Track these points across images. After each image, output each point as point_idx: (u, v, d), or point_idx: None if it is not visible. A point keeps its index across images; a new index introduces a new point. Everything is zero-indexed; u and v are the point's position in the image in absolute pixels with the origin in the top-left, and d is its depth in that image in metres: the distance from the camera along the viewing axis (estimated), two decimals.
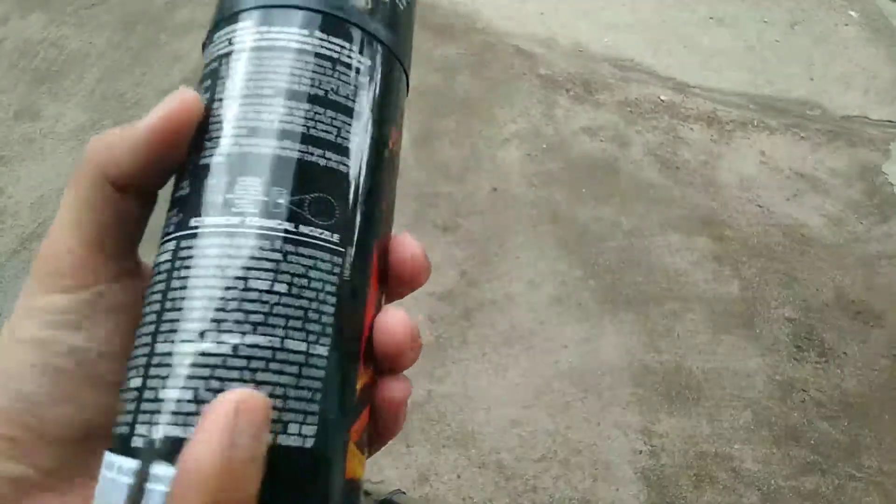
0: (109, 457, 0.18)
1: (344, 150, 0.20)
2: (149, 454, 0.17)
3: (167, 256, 0.19)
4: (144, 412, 0.17)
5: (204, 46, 0.22)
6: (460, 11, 2.06)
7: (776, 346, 1.43)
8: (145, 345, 0.18)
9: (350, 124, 0.20)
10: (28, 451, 0.19)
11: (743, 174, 1.73)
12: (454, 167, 1.66)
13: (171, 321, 0.18)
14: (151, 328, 0.18)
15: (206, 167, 0.19)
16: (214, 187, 0.19)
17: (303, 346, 0.18)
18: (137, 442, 0.17)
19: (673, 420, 1.32)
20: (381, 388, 0.21)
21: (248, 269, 0.18)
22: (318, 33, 0.20)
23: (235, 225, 0.18)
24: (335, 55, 0.20)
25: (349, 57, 0.21)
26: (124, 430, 0.18)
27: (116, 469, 0.17)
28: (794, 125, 1.85)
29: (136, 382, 0.18)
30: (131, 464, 0.17)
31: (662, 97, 1.88)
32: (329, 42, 0.20)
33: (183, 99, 0.20)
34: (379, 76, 0.21)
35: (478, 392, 1.32)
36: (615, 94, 1.87)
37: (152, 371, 0.18)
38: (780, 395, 1.37)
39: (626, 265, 1.53)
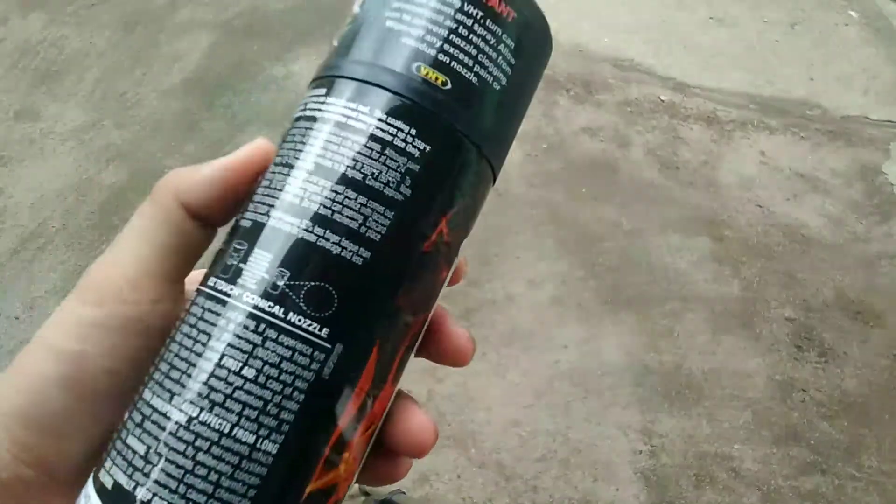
0: (87, 487, 0.18)
1: (365, 241, 0.18)
2: (103, 495, 0.17)
3: (189, 309, 0.19)
4: (112, 451, 0.18)
5: None
6: None
7: (776, 346, 1.43)
8: (139, 390, 0.19)
9: (383, 213, 0.19)
10: (42, 457, 0.20)
11: (743, 174, 1.73)
12: None
13: (158, 372, 0.18)
14: (148, 374, 0.19)
15: (237, 229, 0.19)
16: (232, 251, 0.19)
17: (250, 439, 0.17)
18: (102, 478, 0.18)
19: (673, 420, 1.32)
20: (383, 468, 0.22)
21: (227, 344, 0.18)
22: (373, 111, 0.19)
23: (233, 296, 0.18)
24: (387, 137, 0.19)
25: (403, 141, 0.19)
26: (100, 464, 0.18)
27: (84, 498, 0.18)
28: (794, 125, 1.85)
29: (121, 423, 0.19)
30: (94, 500, 0.18)
31: (662, 97, 1.88)
32: (385, 123, 0.19)
33: (259, 146, 0.21)
34: (438, 164, 0.19)
35: (478, 392, 1.32)
36: (615, 95, 1.87)
37: (131, 414, 0.18)
38: (780, 395, 1.37)
39: (627, 265, 1.53)
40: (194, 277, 0.22)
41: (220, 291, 0.18)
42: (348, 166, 0.19)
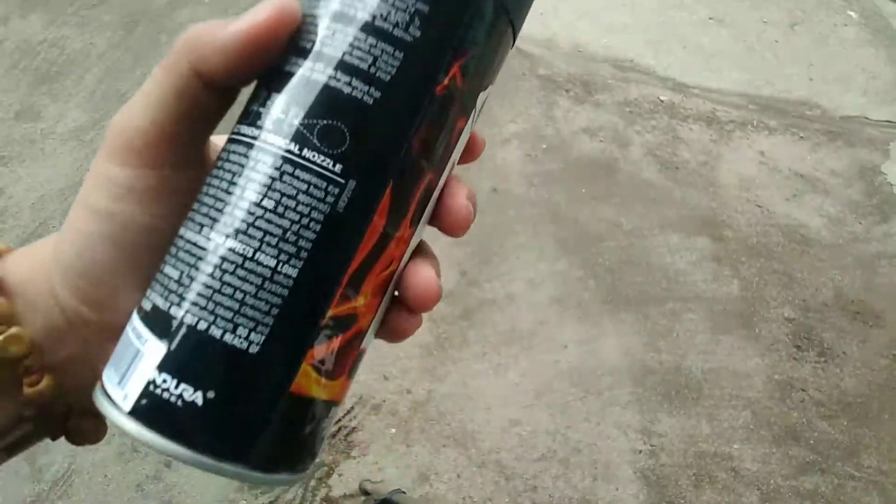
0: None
1: (375, 81, 0.19)
2: (144, 317, 0.19)
3: (219, 154, 0.20)
4: (152, 282, 0.20)
5: None
6: None
7: (775, 346, 1.43)
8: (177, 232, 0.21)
9: (392, 55, 0.19)
10: (100, 303, 0.22)
11: (742, 174, 1.73)
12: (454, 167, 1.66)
13: (194, 209, 0.20)
14: (189, 211, 0.20)
15: (263, 78, 0.20)
16: (256, 99, 0.20)
17: (272, 262, 0.18)
18: (143, 304, 0.20)
19: (672, 420, 1.32)
20: (395, 317, 0.23)
21: (249, 180, 0.19)
22: None
23: (254, 137, 0.19)
24: None
25: None
26: (142, 297, 0.20)
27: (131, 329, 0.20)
28: (793, 125, 1.85)
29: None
30: (136, 322, 0.20)
31: (662, 97, 1.88)
32: None
33: (281, 6, 0.19)
34: (448, 5, 0.20)
35: (478, 392, 1.33)
36: (615, 95, 1.87)
37: (168, 250, 0.20)
38: (780, 394, 1.37)
39: (626, 265, 1.53)
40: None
41: (243, 135, 0.20)
42: (358, 9, 0.19)
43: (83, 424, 0.24)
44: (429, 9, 0.19)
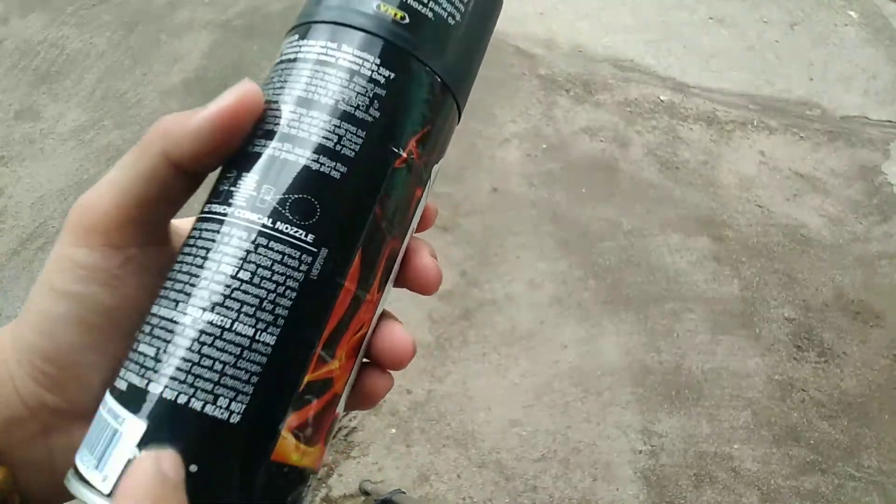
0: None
1: (341, 157, 0.21)
2: (119, 398, 0.19)
3: (189, 233, 0.21)
4: (125, 362, 0.20)
5: None
6: None
7: (776, 346, 1.43)
8: (148, 310, 0.21)
9: (356, 134, 0.21)
10: (63, 386, 0.21)
11: (743, 174, 1.73)
12: (454, 167, 1.66)
13: (166, 287, 0.20)
14: (160, 290, 0.21)
15: (231, 161, 0.22)
16: (225, 180, 0.21)
17: (250, 332, 0.19)
18: (117, 384, 0.20)
19: (673, 420, 1.32)
20: (367, 380, 0.23)
21: (223, 254, 0.20)
22: (340, 46, 0.21)
23: (225, 214, 0.20)
24: (355, 67, 0.21)
25: (370, 70, 0.21)
26: (114, 378, 0.20)
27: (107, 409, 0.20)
28: (793, 125, 1.85)
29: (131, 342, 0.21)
30: (111, 403, 0.20)
31: (662, 97, 1.88)
32: (352, 55, 0.21)
33: (245, 91, 0.21)
34: (402, 88, 0.22)
35: (478, 392, 1.33)
36: (615, 95, 1.87)
37: (141, 329, 0.20)
38: (780, 394, 1.37)
39: (626, 265, 1.53)
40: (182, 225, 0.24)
41: (215, 213, 0.20)
42: (323, 95, 0.21)
43: None
44: (385, 92, 0.21)
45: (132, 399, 0.19)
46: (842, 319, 1.48)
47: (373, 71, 0.21)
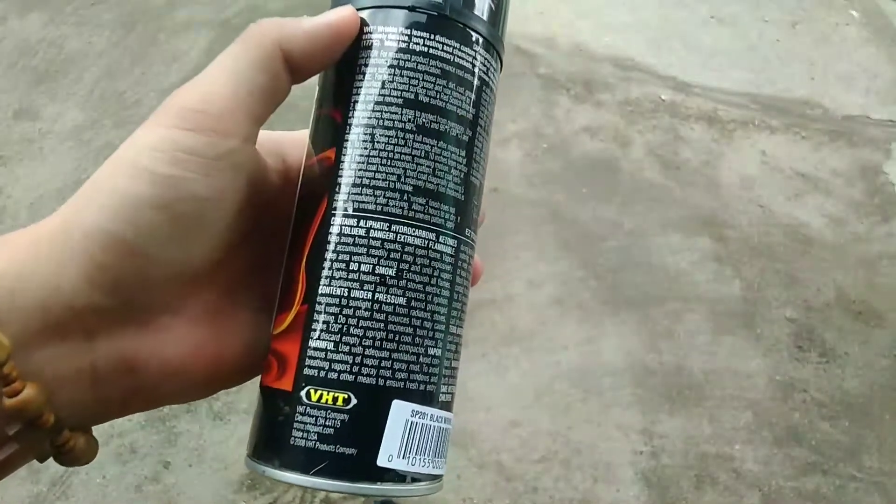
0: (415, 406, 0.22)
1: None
2: (444, 405, 0.23)
3: (459, 255, 0.24)
4: (449, 374, 0.23)
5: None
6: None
7: (777, 347, 1.43)
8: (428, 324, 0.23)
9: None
10: (124, 284, 0.20)
11: (744, 174, 1.72)
12: None
13: (449, 306, 0.23)
14: (425, 303, 0.23)
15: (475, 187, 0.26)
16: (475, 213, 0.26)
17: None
18: (445, 398, 0.23)
19: (674, 421, 1.32)
20: None
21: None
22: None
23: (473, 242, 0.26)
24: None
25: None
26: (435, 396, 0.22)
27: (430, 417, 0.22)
28: (795, 125, 1.85)
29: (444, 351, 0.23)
30: (439, 413, 0.22)
31: (663, 97, 1.87)
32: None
33: (351, 16, 0.22)
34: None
35: (478, 392, 1.32)
36: (616, 94, 1.87)
37: (440, 342, 0.22)
38: (781, 395, 1.36)
39: (627, 265, 1.53)
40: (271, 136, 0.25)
41: (473, 242, 0.24)
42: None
43: (76, 442, 0.20)
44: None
45: (452, 404, 0.23)
46: (843, 320, 1.48)
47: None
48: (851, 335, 1.46)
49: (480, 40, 0.23)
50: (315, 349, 0.21)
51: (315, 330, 0.21)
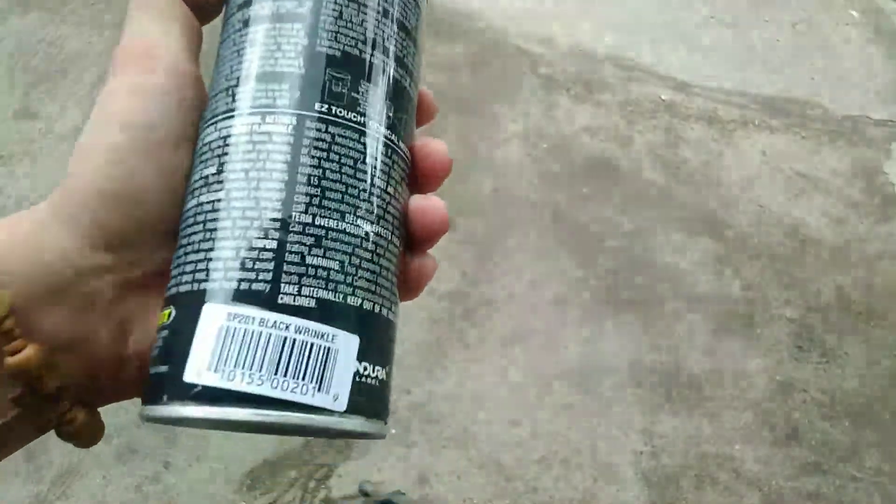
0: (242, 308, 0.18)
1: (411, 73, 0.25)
2: (307, 313, 0.19)
3: (318, 133, 0.21)
4: (304, 276, 0.19)
5: None
6: (460, 10, 2.05)
7: (777, 347, 1.43)
8: (288, 213, 0.20)
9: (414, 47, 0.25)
10: (123, 235, 0.20)
11: (744, 174, 1.72)
12: (454, 167, 1.65)
13: (328, 199, 0.20)
14: (295, 196, 0.20)
15: (330, 57, 0.22)
16: (337, 82, 0.22)
17: (397, 241, 0.22)
18: (297, 302, 0.18)
19: (674, 421, 1.32)
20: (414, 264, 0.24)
21: (372, 167, 0.22)
22: None
23: (365, 126, 0.22)
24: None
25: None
26: (278, 294, 0.18)
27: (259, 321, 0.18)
28: (795, 125, 1.85)
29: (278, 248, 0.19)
30: (295, 321, 0.18)
31: (663, 97, 1.87)
32: None
33: None
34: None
35: (478, 392, 1.32)
36: (616, 94, 1.87)
37: (301, 238, 0.19)
38: (782, 395, 1.36)
39: (627, 265, 1.53)
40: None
41: (352, 121, 0.20)
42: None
43: (76, 415, 0.20)
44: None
45: (333, 314, 0.18)
46: (843, 320, 1.48)
47: None
48: (852, 335, 1.46)
49: None
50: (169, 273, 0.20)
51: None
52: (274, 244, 0.18)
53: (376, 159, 0.21)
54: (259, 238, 0.18)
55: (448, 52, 1.93)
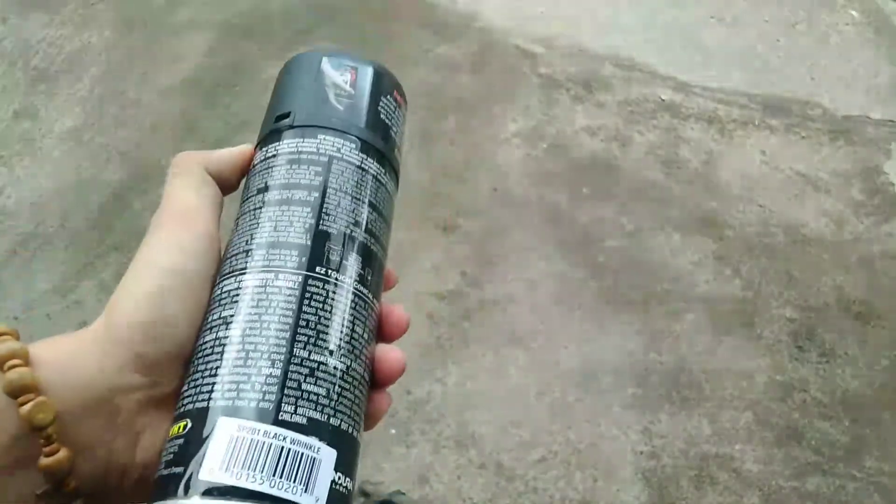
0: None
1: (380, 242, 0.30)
2: (300, 428, 0.23)
3: (306, 286, 0.26)
4: (299, 399, 0.23)
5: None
6: (460, 10, 2.05)
7: (777, 347, 1.43)
8: (284, 349, 0.25)
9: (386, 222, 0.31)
10: (155, 363, 0.24)
11: (744, 174, 1.72)
12: (454, 167, 1.66)
13: (306, 334, 0.25)
14: (286, 337, 0.25)
15: (326, 234, 0.28)
16: (332, 251, 0.29)
17: (363, 372, 0.26)
18: (296, 419, 0.22)
19: (674, 420, 1.32)
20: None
21: (346, 312, 0.27)
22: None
23: (338, 280, 0.27)
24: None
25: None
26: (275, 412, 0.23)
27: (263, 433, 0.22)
28: (795, 125, 1.85)
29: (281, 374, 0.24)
30: (291, 434, 0.22)
31: (663, 97, 1.87)
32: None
33: (248, 150, 0.30)
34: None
35: (478, 392, 1.32)
36: (616, 94, 1.87)
37: (297, 369, 0.24)
38: (781, 395, 1.36)
39: (627, 265, 1.53)
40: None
41: (329, 277, 0.26)
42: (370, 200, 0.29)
43: None
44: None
45: (317, 431, 0.22)
46: (843, 320, 1.48)
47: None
48: (851, 335, 1.46)
49: (325, 131, 0.28)
50: (180, 393, 0.24)
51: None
52: (279, 372, 0.23)
53: (357, 311, 0.26)
54: (267, 367, 0.23)
55: (448, 52, 1.93)
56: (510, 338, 1.40)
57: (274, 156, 0.28)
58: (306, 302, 0.24)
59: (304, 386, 0.23)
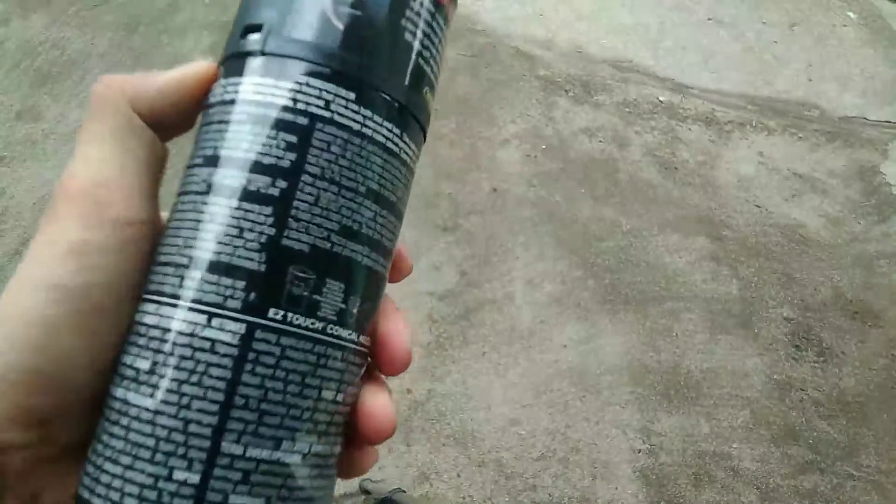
0: None
1: (388, 253, 0.21)
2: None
3: (255, 344, 0.18)
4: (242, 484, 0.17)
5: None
6: (460, 12, 2.06)
7: (774, 346, 1.44)
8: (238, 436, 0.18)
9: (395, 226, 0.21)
10: (43, 419, 0.18)
11: (741, 174, 1.73)
12: (454, 167, 1.66)
13: (256, 416, 0.18)
14: (234, 417, 0.18)
15: (295, 253, 0.19)
16: (300, 283, 0.19)
17: (336, 451, 0.19)
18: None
19: (672, 419, 1.32)
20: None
21: (324, 379, 0.19)
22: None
23: (316, 330, 0.19)
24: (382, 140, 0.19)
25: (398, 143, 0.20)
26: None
27: None
28: (792, 126, 1.86)
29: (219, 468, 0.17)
30: None
31: (661, 98, 1.88)
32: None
33: (204, 67, 0.20)
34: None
35: (478, 391, 1.33)
36: (614, 95, 1.88)
37: (251, 471, 0.17)
38: (779, 394, 1.37)
39: (625, 265, 1.54)
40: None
41: (308, 329, 0.17)
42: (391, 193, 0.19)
43: None
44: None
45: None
46: (840, 319, 1.49)
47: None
48: (848, 335, 1.46)
49: (312, 68, 0.18)
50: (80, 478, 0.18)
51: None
52: (196, 478, 0.16)
53: (328, 369, 0.18)
54: (181, 470, 0.16)
55: (448, 54, 1.93)
56: (510, 337, 1.40)
57: (232, 101, 0.18)
58: (248, 367, 0.16)
59: (231, 499, 0.16)
